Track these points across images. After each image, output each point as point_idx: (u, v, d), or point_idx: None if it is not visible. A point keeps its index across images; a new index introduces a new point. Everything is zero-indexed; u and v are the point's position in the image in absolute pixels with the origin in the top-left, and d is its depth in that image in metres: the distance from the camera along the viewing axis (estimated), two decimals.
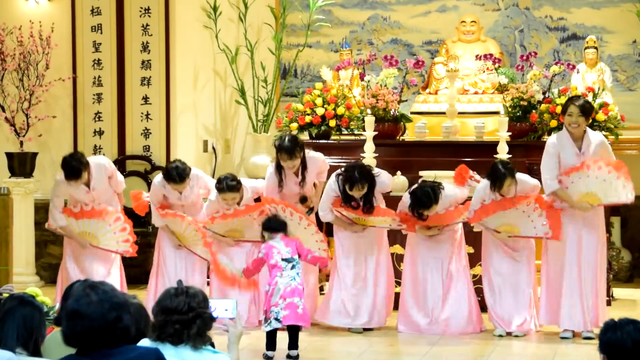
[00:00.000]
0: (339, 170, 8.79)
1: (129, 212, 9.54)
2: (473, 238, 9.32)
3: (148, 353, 3.78)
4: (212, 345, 4.30)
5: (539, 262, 8.78)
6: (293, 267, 7.89)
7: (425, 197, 8.52)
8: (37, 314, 4.34)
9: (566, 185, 8.38)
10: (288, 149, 8.75)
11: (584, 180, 8.34)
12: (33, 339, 4.29)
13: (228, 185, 8.84)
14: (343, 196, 8.72)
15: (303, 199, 9.01)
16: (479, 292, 8.92)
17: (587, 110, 8.46)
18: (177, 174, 8.87)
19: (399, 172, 9.61)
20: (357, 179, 8.56)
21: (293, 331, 7.84)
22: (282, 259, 7.91)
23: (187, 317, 4.10)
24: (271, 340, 7.89)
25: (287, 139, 8.82)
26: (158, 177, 9.10)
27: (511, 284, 8.68)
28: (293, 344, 7.84)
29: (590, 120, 10.00)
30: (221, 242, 9.04)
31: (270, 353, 7.87)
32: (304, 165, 8.89)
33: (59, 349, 4.29)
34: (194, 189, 9.07)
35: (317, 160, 9.02)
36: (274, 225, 8.15)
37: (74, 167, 8.85)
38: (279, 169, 8.88)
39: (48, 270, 11.42)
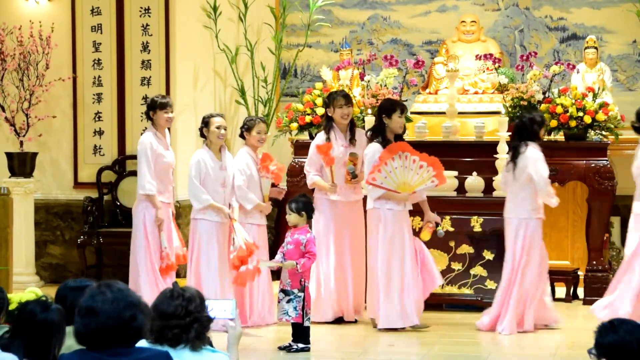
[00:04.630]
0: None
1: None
2: (474, 238, 9.34)
3: (159, 356, 3.78)
4: (211, 344, 4.30)
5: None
6: None
7: None
8: (54, 325, 4.31)
9: None
10: (345, 94, 9.27)
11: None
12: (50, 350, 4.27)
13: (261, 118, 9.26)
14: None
15: (353, 155, 9.17)
16: (478, 291, 8.91)
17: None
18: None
19: None
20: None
21: (295, 325, 8.03)
22: None
23: (185, 321, 4.09)
24: (309, 334, 8.00)
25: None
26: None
27: None
28: (296, 337, 8.02)
29: (590, 120, 10.06)
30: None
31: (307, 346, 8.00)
32: (352, 122, 9.26)
33: (67, 342, 4.30)
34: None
35: (362, 133, 9.30)
36: (311, 209, 8.18)
37: None
38: (328, 130, 9.12)
39: (48, 270, 11.42)
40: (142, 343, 4.08)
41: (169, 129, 9.37)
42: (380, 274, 8.72)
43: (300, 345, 7.95)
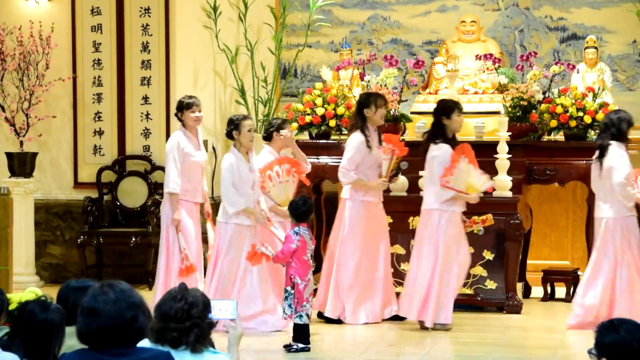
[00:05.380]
0: None
1: None
2: (473, 238, 9.33)
3: (160, 356, 3.78)
4: (212, 345, 4.30)
5: None
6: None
7: None
8: (54, 325, 4.31)
9: None
10: (383, 95, 9.37)
11: None
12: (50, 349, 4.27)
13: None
14: None
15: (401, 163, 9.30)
16: (478, 291, 8.91)
17: None
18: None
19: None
20: None
21: (296, 325, 8.05)
22: (310, 257, 8.05)
23: (184, 325, 4.08)
24: (307, 333, 8.01)
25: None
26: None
27: None
28: (296, 337, 8.02)
29: (590, 120, 10.06)
30: None
31: (307, 346, 8.01)
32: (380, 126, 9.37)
33: (68, 342, 4.30)
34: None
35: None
36: (304, 212, 8.14)
37: None
38: (364, 130, 9.10)
39: (48, 270, 11.42)
40: (144, 342, 4.09)
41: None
42: (437, 275, 8.72)
43: (300, 345, 7.95)
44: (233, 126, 8.77)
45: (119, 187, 11.26)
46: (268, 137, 9.20)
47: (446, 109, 8.95)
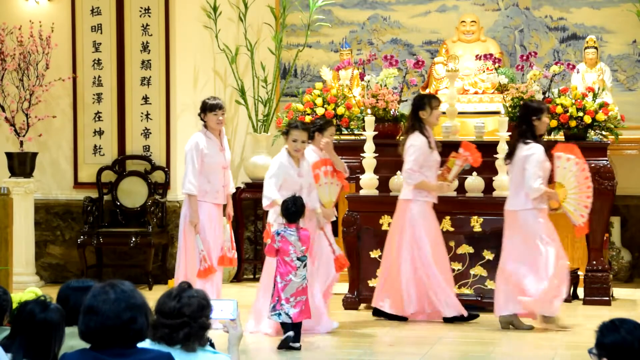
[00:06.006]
0: None
1: None
2: (474, 238, 9.33)
3: (161, 357, 3.78)
4: (212, 345, 4.29)
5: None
6: (305, 265, 8.04)
7: None
8: (53, 325, 4.30)
9: None
10: (438, 97, 9.49)
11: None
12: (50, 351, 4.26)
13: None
14: None
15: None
16: (478, 291, 8.90)
17: None
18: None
19: (398, 172, 9.61)
20: None
21: (295, 325, 8.04)
22: (297, 258, 8.00)
23: (175, 322, 4.08)
24: (288, 329, 8.04)
25: None
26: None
27: None
28: (296, 337, 8.01)
29: (590, 120, 10.06)
30: None
31: (296, 344, 8.02)
32: None
33: (69, 342, 4.30)
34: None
35: None
36: (293, 212, 8.13)
37: None
38: (422, 131, 9.18)
39: (48, 270, 11.43)
40: (145, 342, 4.09)
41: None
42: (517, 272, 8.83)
43: (295, 344, 8.00)
44: (285, 131, 8.85)
45: (119, 187, 11.26)
46: (310, 137, 9.17)
47: (536, 109, 8.97)
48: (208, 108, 8.95)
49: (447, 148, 10.12)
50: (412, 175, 9.11)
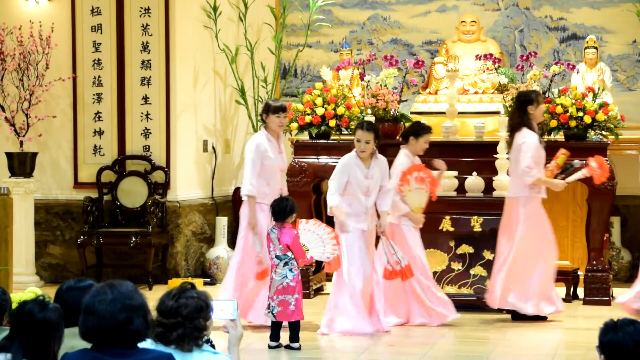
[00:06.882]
0: None
1: None
2: (474, 238, 9.33)
3: (161, 357, 3.78)
4: (213, 346, 4.29)
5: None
6: (285, 264, 8.04)
7: None
8: (52, 324, 4.30)
9: None
10: (541, 93, 9.54)
11: None
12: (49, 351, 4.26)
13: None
14: None
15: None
16: (478, 291, 8.90)
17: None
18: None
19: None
20: None
21: (292, 325, 8.06)
22: (275, 256, 8.03)
23: (169, 322, 4.09)
24: (275, 330, 8.09)
25: None
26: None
27: None
28: (294, 337, 8.05)
29: (590, 120, 10.06)
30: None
31: (271, 343, 8.06)
32: None
33: (69, 342, 4.30)
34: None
35: None
36: (277, 211, 8.16)
37: None
38: (533, 128, 9.12)
39: (48, 270, 11.42)
40: (147, 341, 4.09)
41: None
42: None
43: (295, 344, 8.03)
44: (354, 131, 8.88)
45: (119, 187, 11.26)
46: (404, 140, 9.14)
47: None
48: (271, 110, 8.86)
49: (447, 148, 10.15)
50: (531, 172, 8.99)
